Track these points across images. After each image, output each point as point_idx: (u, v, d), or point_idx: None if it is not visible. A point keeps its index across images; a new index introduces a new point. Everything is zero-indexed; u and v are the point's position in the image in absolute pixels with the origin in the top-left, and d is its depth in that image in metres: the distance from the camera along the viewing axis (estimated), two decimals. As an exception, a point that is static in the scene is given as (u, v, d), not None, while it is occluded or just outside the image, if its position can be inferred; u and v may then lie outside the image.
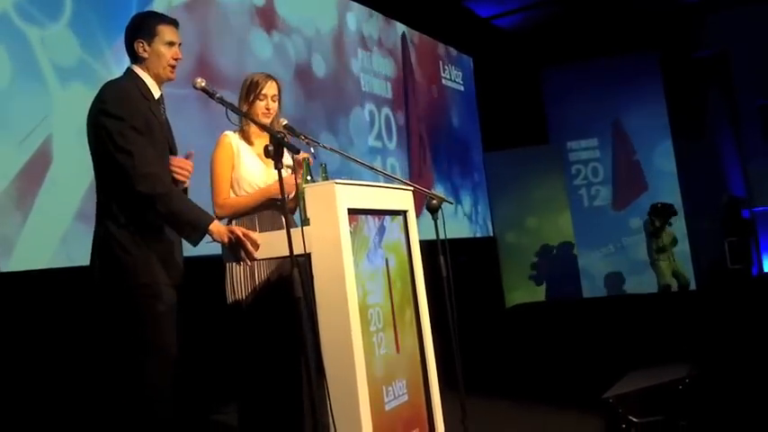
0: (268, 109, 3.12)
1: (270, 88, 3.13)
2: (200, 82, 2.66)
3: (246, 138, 3.14)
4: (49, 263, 3.99)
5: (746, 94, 10.55)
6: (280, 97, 3.18)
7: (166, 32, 2.68)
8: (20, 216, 3.88)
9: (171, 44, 2.69)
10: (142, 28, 2.68)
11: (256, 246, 2.58)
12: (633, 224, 10.73)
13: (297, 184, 2.92)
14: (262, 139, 3.10)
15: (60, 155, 4.04)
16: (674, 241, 9.23)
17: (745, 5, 10.11)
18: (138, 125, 2.53)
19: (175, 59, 2.70)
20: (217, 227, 2.58)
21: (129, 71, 2.70)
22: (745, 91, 10.57)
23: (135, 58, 2.69)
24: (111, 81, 2.70)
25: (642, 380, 3.88)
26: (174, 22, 2.73)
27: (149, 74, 2.69)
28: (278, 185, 2.94)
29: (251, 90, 3.12)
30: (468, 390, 3.24)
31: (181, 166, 2.68)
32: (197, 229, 2.54)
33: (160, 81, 2.71)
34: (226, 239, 2.57)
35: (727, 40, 10.45)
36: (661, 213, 9.12)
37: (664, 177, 10.74)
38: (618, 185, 11.01)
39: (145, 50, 2.66)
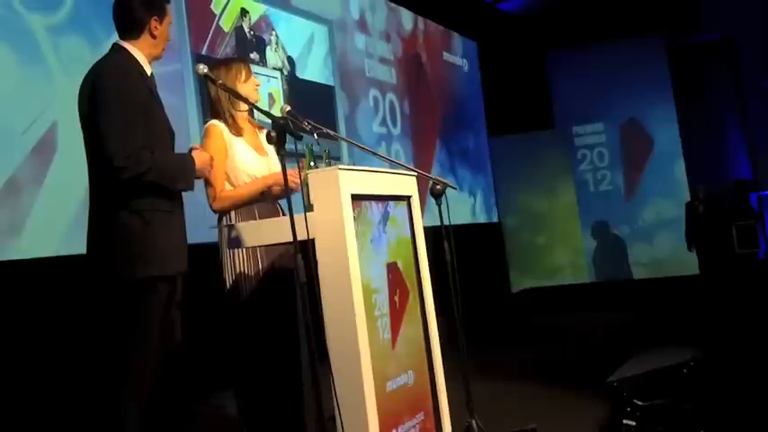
0: (257, 85, 3.05)
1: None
2: (203, 69, 2.55)
3: (234, 126, 2.98)
4: (56, 251, 4.01)
5: (753, 77, 10.48)
6: None
7: (170, 13, 2.61)
8: (26, 204, 3.91)
9: (169, 24, 2.61)
10: (155, 4, 2.54)
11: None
12: (639, 209, 10.70)
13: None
14: (249, 127, 3.06)
15: (65, 143, 4.05)
16: None
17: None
18: (133, 103, 2.40)
19: (168, 41, 2.62)
20: (199, 159, 2.57)
21: (120, 48, 2.53)
22: (751, 73, 10.49)
23: (138, 32, 2.52)
24: (103, 58, 2.53)
25: (647, 363, 3.89)
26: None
27: (143, 52, 2.54)
28: (275, 175, 2.91)
29: (240, 72, 3.00)
30: (473, 373, 3.25)
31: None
32: (188, 175, 2.52)
33: (152, 60, 2.59)
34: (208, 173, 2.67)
35: (732, 23, 10.37)
36: None
37: (670, 161, 10.69)
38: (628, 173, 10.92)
39: (157, 28, 2.54)
